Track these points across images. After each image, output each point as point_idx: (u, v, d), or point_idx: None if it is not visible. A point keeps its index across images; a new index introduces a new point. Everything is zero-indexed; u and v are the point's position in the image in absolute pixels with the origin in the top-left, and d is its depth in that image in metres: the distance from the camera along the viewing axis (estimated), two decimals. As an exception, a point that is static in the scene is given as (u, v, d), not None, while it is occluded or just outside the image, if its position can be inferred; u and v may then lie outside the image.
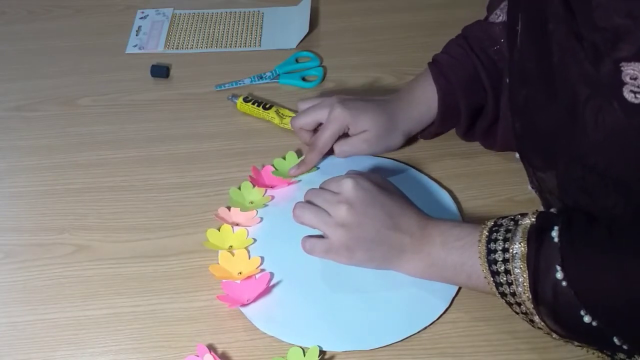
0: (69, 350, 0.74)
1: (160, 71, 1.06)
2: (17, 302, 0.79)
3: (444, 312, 0.75)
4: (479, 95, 0.86)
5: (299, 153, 0.92)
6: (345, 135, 0.88)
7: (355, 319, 0.74)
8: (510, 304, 0.68)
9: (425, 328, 0.74)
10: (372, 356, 0.72)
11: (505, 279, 0.67)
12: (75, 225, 0.86)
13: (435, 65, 0.88)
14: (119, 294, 0.79)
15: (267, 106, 0.97)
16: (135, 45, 1.11)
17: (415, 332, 0.73)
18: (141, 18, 1.16)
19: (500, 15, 0.87)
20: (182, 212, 0.86)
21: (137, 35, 1.13)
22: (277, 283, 0.78)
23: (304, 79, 1.04)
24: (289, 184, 0.88)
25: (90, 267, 0.81)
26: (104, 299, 0.78)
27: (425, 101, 0.87)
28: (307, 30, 1.10)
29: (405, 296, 0.76)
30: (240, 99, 0.98)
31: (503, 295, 0.68)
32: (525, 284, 0.65)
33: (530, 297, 0.65)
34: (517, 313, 0.68)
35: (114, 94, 1.03)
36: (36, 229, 0.86)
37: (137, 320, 0.76)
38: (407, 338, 0.73)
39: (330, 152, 0.89)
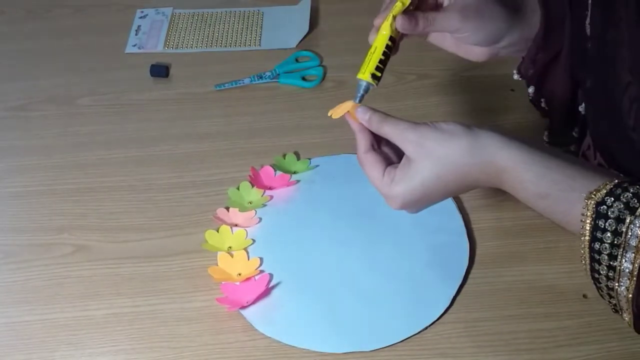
0: (69, 351, 0.74)
1: (160, 71, 1.05)
2: (16, 302, 0.79)
3: (444, 312, 0.75)
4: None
5: (297, 154, 0.92)
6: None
7: (355, 320, 0.74)
8: (599, 288, 0.59)
9: (426, 328, 0.73)
10: (372, 357, 0.72)
11: (605, 272, 0.57)
12: (75, 225, 0.86)
13: None
14: (119, 294, 0.79)
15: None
16: (134, 45, 1.11)
17: (416, 332, 0.73)
18: (141, 17, 1.16)
19: None
20: (181, 212, 0.86)
21: (136, 34, 1.13)
22: (277, 284, 0.78)
23: (303, 79, 1.03)
24: (288, 184, 0.88)
25: (90, 267, 0.81)
26: (103, 299, 0.78)
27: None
28: (307, 29, 1.10)
29: (405, 296, 0.76)
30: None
31: (595, 279, 0.58)
32: (629, 296, 0.56)
33: (632, 309, 0.56)
34: (602, 296, 0.59)
35: (114, 94, 1.03)
36: (36, 229, 0.86)
37: (136, 321, 0.76)
38: (407, 338, 0.73)
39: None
